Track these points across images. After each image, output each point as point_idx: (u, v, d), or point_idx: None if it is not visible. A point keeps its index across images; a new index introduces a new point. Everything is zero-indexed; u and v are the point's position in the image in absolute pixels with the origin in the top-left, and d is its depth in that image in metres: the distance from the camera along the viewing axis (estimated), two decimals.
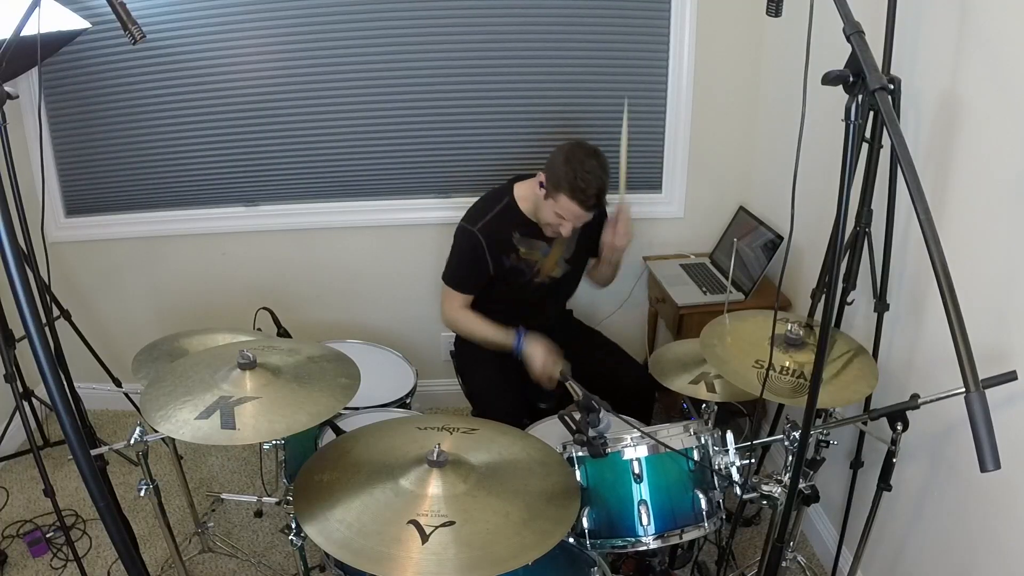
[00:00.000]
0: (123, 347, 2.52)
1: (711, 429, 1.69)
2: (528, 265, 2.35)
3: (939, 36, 1.65)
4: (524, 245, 2.32)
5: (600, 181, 2.08)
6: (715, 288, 2.61)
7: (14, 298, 0.88)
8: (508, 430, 1.67)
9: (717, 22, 2.60)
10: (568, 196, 2.08)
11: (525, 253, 2.33)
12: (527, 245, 2.32)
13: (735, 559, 2.27)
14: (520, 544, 1.31)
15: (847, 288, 1.89)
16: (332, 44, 2.58)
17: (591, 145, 2.14)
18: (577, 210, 2.10)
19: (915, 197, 0.95)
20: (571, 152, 2.10)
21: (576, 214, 2.12)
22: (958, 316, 0.90)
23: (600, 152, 2.14)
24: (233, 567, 2.32)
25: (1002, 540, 1.56)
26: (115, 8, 1.65)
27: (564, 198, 2.09)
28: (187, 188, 2.80)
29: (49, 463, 2.21)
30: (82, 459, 0.92)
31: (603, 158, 2.13)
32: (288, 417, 1.50)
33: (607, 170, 2.12)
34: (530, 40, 2.61)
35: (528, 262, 2.35)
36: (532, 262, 2.35)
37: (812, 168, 1.95)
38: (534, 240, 2.32)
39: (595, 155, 2.11)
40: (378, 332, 2.87)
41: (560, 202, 2.11)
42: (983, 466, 0.88)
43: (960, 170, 1.62)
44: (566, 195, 2.08)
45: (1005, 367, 1.41)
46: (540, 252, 2.35)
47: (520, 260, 2.33)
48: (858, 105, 1.09)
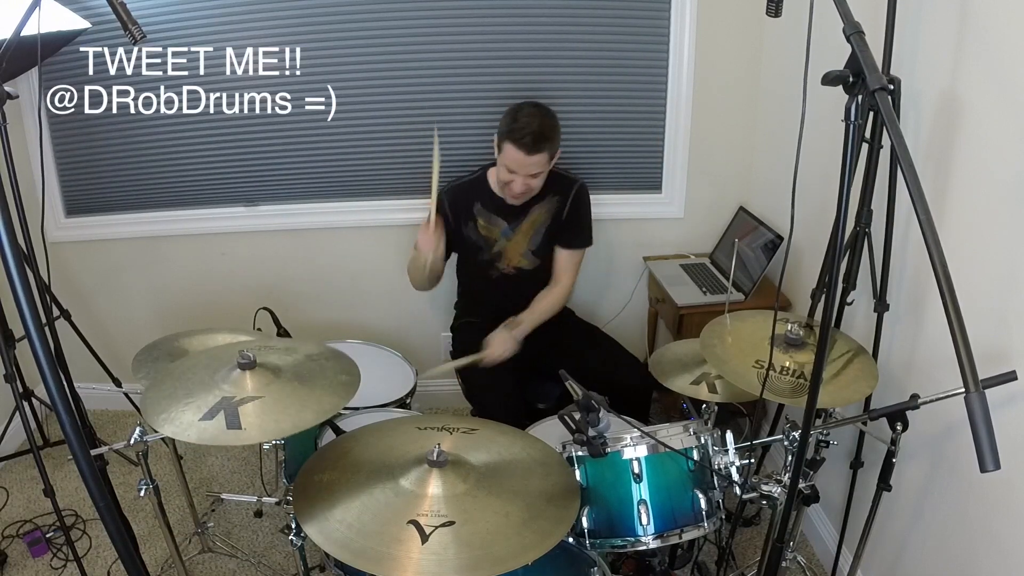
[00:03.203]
0: (123, 347, 2.52)
1: (711, 429, 1.69)
2: (487, 243, 2.43)
3: (939, 36, 1.65)
4: (483, 218, 2.41)
5: (536, 123, 2.18)
6: (715, 288, 2.61)
7: (14, 298, 0.88)
8: (508, 430, 1.68)
9: (717, 22, 2.60)
10: (509, 141, 2.18)
11: (483, 227, 2.41)
12: (486, 219, 2.41)
13: (735, 559, 2.27)
14: (520, 544, 1.31)
15: (847, 288, 1.89)
16: (332, 44, 2.58)
17: (536, 102, 2.28)
18: (517, 154, 2.18)
19: (915, 197, 0.95)
20: (514, 106, 2.25)
21: (518, 160, 2.19)
22: (958, 316, 0.90)
23: (542, 104, 2.27)
24: (233, 567, 2.32)
25: (1002, 540, 1.56)
26: (115, 8, 1.65)
27: (506, 146, 2.19)
28: (187, 188, 2.80)
29: (49, 463, 2.21)
30: (82, 459, 0.92)
31: (544, 107, 2.26)
32: (294, 415, 1.50)
33: (548, 115, 2.23)
34: (530, 40, 2.61)
35: (487, 240, 2.42)
36: (491, 240, 2.42)
37: (812, 168, 1.94)
38: (494, 216, 2.41)
39: (535, 104, 2.25)
40: (378, 332, 2.87)
41: (505, 152, 2.21)
42: (983, 466, 0.88)
43: (960, 170, 1.63)
44: (508, 141, 2.19)
45: (1005, 367, 1.41)
46: (500, 233, 2.42)
47: (478, 234, 2.42)
48: (858, 105, 1.09)
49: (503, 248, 2.44)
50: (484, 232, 2.43)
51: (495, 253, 2.45)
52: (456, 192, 2.43)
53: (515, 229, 2.42)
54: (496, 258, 2.45)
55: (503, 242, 2.43)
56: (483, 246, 2.44)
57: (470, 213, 2.42)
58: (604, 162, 2.81)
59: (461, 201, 2.42)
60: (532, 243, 2.44)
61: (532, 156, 2.18)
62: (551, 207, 2.42)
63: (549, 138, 2.21)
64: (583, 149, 2.74)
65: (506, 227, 2.42)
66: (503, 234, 2.43)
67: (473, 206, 2.42)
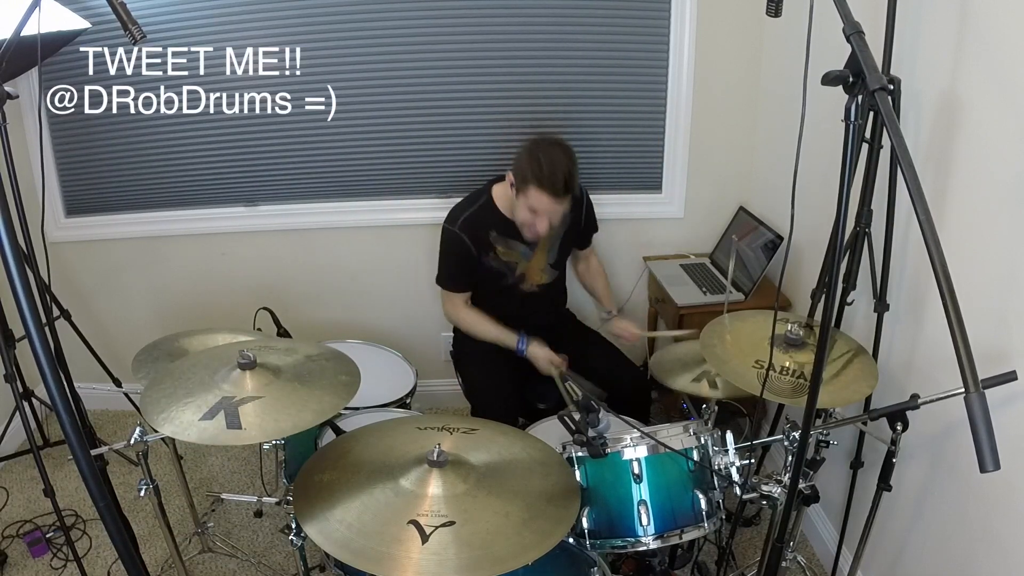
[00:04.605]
0: (123, 347, 2.52)
1: (711, 429, 1.69)
2: (509, 268, 2.36)
3: (939, 36, 1.65)
4: (501, 244, 2.34)
5: (565, 167, 2.11)
6: (715, 288, 2.61)
7: (14, 298, 0.88)
8: (508, 430, 1.68)
9: (717, 22, 2.60)
10: (536, 187, 2.11)
11: (503, 253, 2.35)
12: (504, 244, 2.34)
13: (735, 559, 2.27)
14: (520, 544, 1.31)
15: (847, 288, 1.89)
16: (332, 44, 2.58)
17: (554, 136, 2.21)
18: (547, 200, 2.12)
19: (915, 197, 0.95)
20: (534, 145, 2.16)
21: (547, 205, 2.13)
22: (958, 316, 0.90)
23: (563, 141, 2.19)
24: (233, 567, 2.32)
25: (1002, 540, 1.56)
26: (115, 8, 1.65)
27: (533, 190, 2.12)
28: (187, 188, 2.80)
29: (49, 463, 2.21)
30: (82, 459, 0.92)
31: (566, 146, 2.18)
32: (294, 415, 1.50)
33: (572, 157, 2.16)
34: (530, 40, 2.61)
35: (508, 264, 2.36)
36: (512, 264, 2.37)
37: (812, 168, 1.94)
38: (511, 240, 2.34)
39: (558, 144, 2.16)
40: (378, 332, 2.87)
41: (530, 195, 2.13)
42: (983, 466, 0.88)
43: (960, 170, 1.62)
44: (535, 187, 2.11)
45: (1005, 367, 1.41)
46: (520, 254, 2.36)
47: (499, 260, 2.35)
48: (858, 105, 1.09)
49: (525, 269, 2.39)
50: (505, 258, 2.35)
51: (519, 276, 2.39)
52: (468, 226, 2.31)
53: (534, 248, 2.37)
54: (520, 280, 2.40)
55: (524, 264, 2.38)
56: (505, 272, 2.37)
57: (488, 243, 2.33)
58: (604, 162, 2.81)
59: (477, 233, 2.32)
60: (550, 257, 2.41)
61: (563, 200, 2.14)
62: (566, 219, 2.35)
63: (576, 179, 2.16)
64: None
65: (525, 248, 2.36)
66: (523, 255, 2.37)
67: (489, 235, 2.32)
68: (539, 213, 2.15)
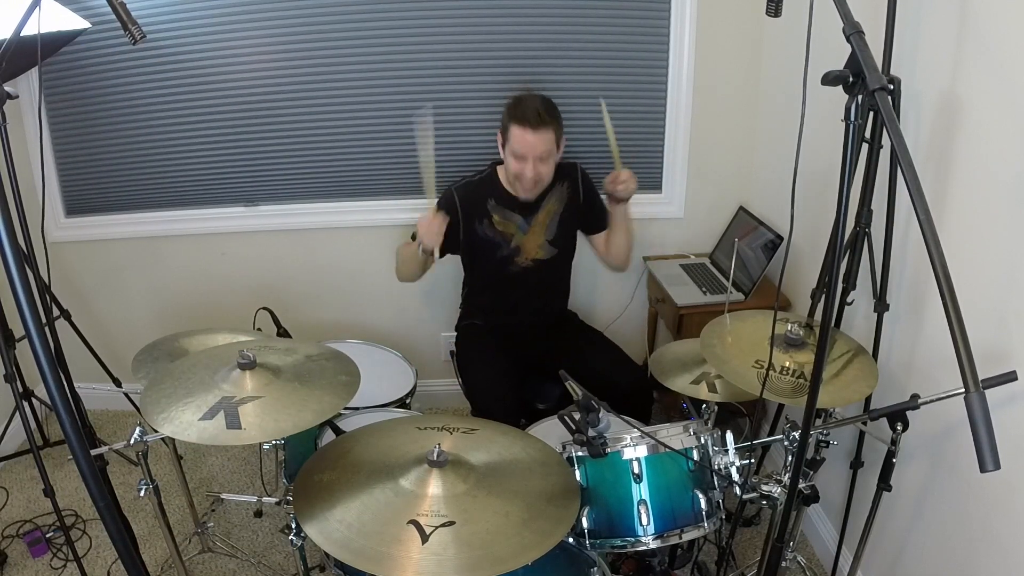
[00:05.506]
0: (123, 347, 2.52)
1: (711, 429, 1.69)
2: (504, 239, 2.40)
3: (939, 36, 1.65)
4: (498, 213, 2.38)
5: (537, 99, 2.20)
6: (715, 288, 2.61)
7: (14, 298, 0.88)
8: (508, 430, 1.67)
9: (717, 22, 2.60)
10: (514, 124, 2.17)
11: (499, 223, 2.38)
12: (501, 214, 2.38)
13: (735, 559, 2.27)
14: (520, 544, 1.31)
15: (847, 288, 1.89)
16: (332, 44, 2.58)
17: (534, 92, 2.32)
18: (526, 134, 2.17)
19: (915, 197, 0.95)
20: (513, 97, 2.28)
21: (525, 141, 2.18)
22: (958, 316, 0.90)
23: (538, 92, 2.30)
24: (233, 567, 2.32)
25: (1002, 540, 1.56)
26: (115, 8, 1.65)
27: (512, 130, 2.19)
28: (187, 188, 2.80)
29: (49, 463, 2.21)
30: (82, 459, 0.92)
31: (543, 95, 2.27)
32: (294, 415, 1.50)
33: (546, 98, 2.24)
34: (530, 40, 2.61)
35: (503, 235, 2.40)
36: (508, 235, 2.40)
37: (812, 168, 1.95)
38: (509, 211, 2.38)
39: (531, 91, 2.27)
40: (378, 332, 2.88)
41: (512, 138, 2.20)
42: (983, 466, 0.88)
43: (960, 170, 1.62)
44: (513, 125, 2.18)
45: (1005, 367, 1.41)
46: (517, 227, 2.39)
47: (494, 230, 2.39)
48: (858, 105, 1.09)
49: (521, 242, 2.41)
50: (500, 228, 2.39)
51: (513, 248, 2.42)
52: (467, 190, 2.39)
53: (531, 222, 2.40)
54: (515, 253, 2.42)
55: (520, 236, 2.41)
56: (501, 242, 2.40)
57: (484, 210, 2.38)
58: (604, 162, 2.81)
59: (473, 199, 2.38)
60: (548, 233, 2.43)
61: (539, 132, 2.16)
62: (563, 194, 2.41)
63: (553, 114, 2.20)
64: (583, 148, 2.74)
65: (522, 221, 2.39)
66: (520, 228, 2.40)
67: (487, 203, 2.38)
68: (524, 157, 2.20)
